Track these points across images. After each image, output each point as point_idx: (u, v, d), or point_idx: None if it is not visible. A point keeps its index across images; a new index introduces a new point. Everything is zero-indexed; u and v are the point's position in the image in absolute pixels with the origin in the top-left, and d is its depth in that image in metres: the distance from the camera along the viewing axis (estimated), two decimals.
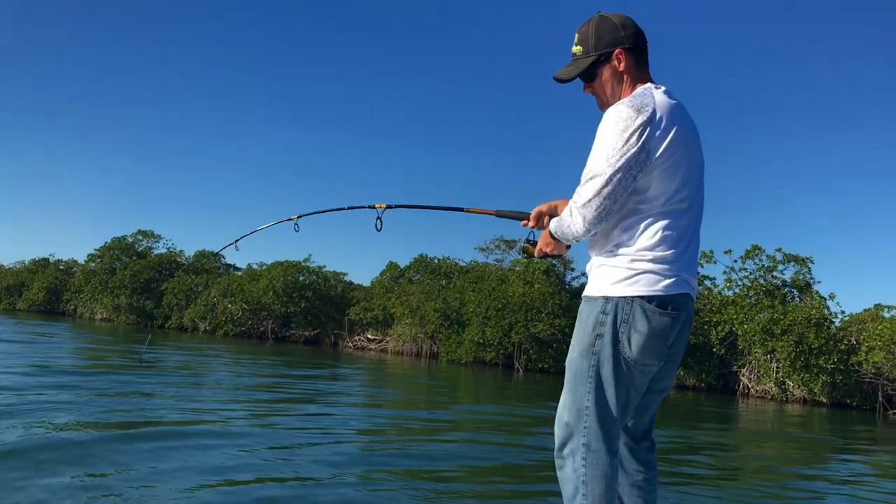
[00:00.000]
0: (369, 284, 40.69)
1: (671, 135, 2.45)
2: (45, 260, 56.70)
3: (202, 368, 16.45)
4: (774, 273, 26.65)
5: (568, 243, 2.70)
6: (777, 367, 24.89)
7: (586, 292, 2.63)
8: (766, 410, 20.29)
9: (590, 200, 2.44)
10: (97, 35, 78.78)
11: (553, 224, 2.67)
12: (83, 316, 47.81)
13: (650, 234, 2.50)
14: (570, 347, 2.64)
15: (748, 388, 26.33)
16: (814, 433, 15.46)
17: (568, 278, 33.01)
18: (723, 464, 9.08)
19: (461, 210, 3.26)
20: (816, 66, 62.88)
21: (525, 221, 2.97)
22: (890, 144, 57.56)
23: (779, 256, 26.68)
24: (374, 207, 3.44)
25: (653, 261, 2.49)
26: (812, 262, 26.52)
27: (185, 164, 77.24)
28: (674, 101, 2.54)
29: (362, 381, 17.86)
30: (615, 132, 2.42)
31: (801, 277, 26.62)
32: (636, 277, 2.49)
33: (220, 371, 16.34)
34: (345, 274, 42.41)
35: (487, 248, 36.55)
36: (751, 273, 26.89)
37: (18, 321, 34.29)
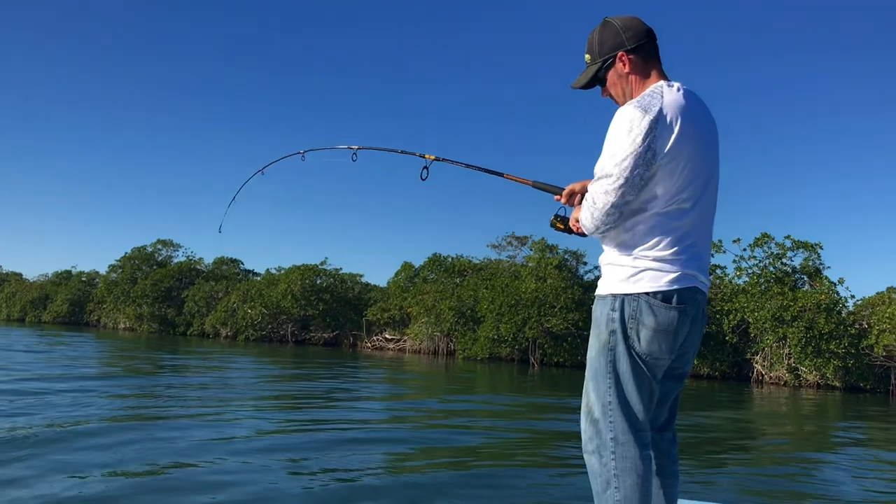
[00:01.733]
0: (385, 285, 41.27)
1: (676, 134, 2.49)
2: (68, 272, 57.83)
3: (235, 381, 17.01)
4: (784, 260, 26.87)
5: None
6: (789, 353, 25.15)
7: (598, 291, 2.72)
8: (780, 396, 20.59)
9: (600, 200, 2.53)
10: (109, 45, 79.76)
11: (579, 209, 2.75)
12: (106, 326, 48.78)
13: (652, 233, 2.56)
14: (589, 345, 2.71)
15: (762, 375, 26.60)
16: (826, 415, 15.78)
17: (581, 272, 33.40)
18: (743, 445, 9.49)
19: (501, 175, 3.31)
20: (820, 51, 62.65)
21: (558, 196, 3.01)
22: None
23: (787, 243, 26.90)
24: (423, 157, 3.51)
25: (655, 259, 2.56)
26: (821, 247, 26.71)
27: (202, 169, 78.14)
28: (686, 100, 2.57)
29: (382, 382, 18.38)
30: (623, 133, 2.48)
31: (810, 263, 26.81)
32: (640, 274, 2.56)
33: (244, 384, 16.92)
34: (361, 275, 43.08)
35: (500, 244, 37.02)
36: (760, 261, 27.13)
37: (45, 332, 35.17)
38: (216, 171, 78.07)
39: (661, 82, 2.63)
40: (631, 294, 2.56)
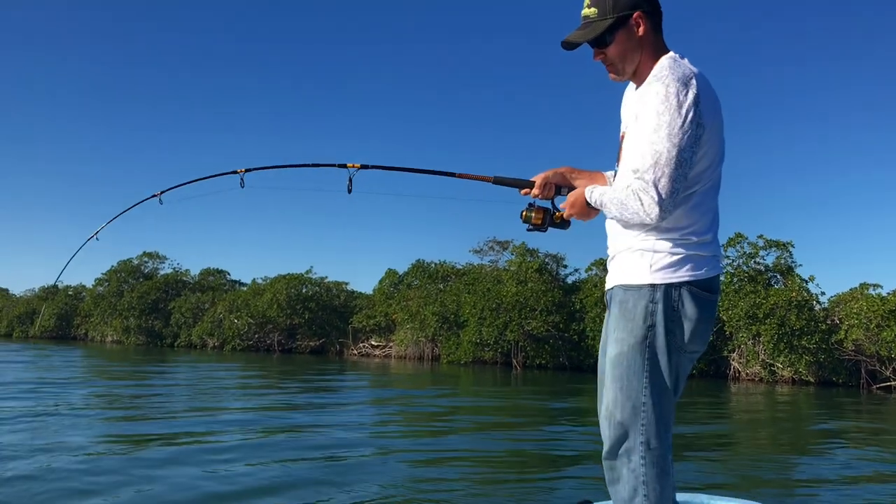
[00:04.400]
0: (371, 292, 41.71)
1: (711, 107, 2.36)
2: (55, 287, 57.84)
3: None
4: (756, 259, 27.56)
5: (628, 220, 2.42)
6: (763, 350, 25.79)
7: (625, 280, 2.46)
8: (756, 392, 21.15)
9: (664, 185, 2.27)
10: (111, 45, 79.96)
11: (598, 195, 2.48)
12: (94, 339, 48.94)
13: (692, 214, 2.39)
14: (615, 341, 2.45)
15: (738, 372, 27.23)
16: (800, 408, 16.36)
17: (561, 274, 33.97)
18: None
19: (452, 175, 2.88)
20: (793, 55, 63.69)
21: (527, 190, 2.76)
22: (868, 128, 58.49)
23: (760, 243, 27.61)
24: (345, 166, 2.97)
25: (697, 244, 2.39)
26: (793, 246, 27.45)
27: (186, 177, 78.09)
28: (700, 71, 2.41)
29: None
30: (671, 108, 2.27)
31: (782, 262, 27.52)
32: (682, 262, 2.38)
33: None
34: (346, 283, 43.50)
35: (481, 249, 37.56)
36: (733, 260, 27.82)
37: (34, 347, 35.35)
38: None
39: (672, 53, 2.46)
40: (673, 283, 2.37)
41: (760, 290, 25.85)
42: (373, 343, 38.31)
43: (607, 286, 2.58)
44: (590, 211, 2.57)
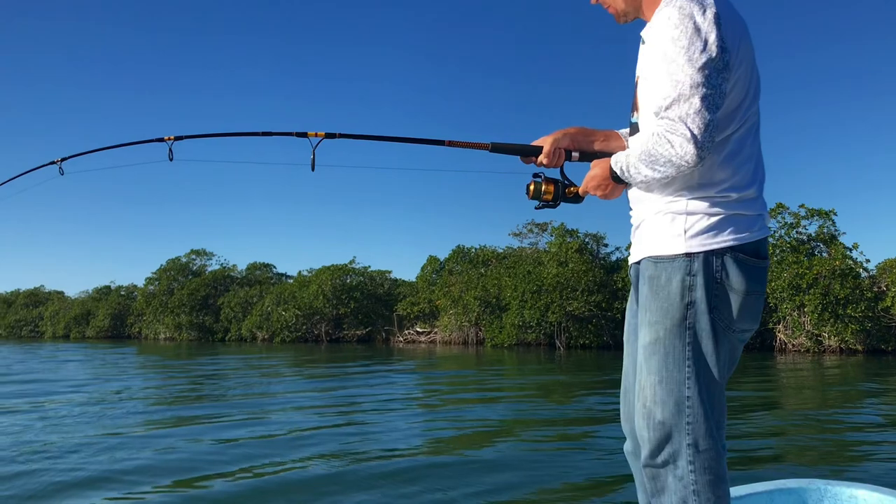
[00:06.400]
0: (414, 280, 42.30)
1: (736, 28, 1.97)
2: (108, 287, 59.63)
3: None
4: (798, 229, 27.38)
5: (654, 179, 2.01)
6: (808, 321, 25.68)
7: (655, 251, 2.08)
8: (803, 363, 21.12)
9: (696, 122, 1.87)
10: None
11: (622, 162, 2.07)
12: (147, 337, 50.43)
13: (729, 164, 2.01)
14: (648, 326, 2.08)
15: (784, 344, 27.14)
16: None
17: (601, 253, 34.08)
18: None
19: (440, 143, 2.47)
20: (839, 17, 62.21)
21: (532, 158, 2.36)
22: None
23: (802, 212, 27.39)
24: (305, 135, 2.51)
25: (738, 201, 2.03)
26: (835, 214, 27.18)
27: (228, 173, 79.72)
28: None
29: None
30: (688, 31, 1.90)
31: (825, 231, 27.28)
32: (722, 224, 2.01)
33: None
34: (389, 272, 44.18)
35: (521, 232, 37.82)
36: (775, 231, 27.64)
37: (100, 349, 36.63)
38: (242, 175, 79.57)
39: None
40: (714, 250, 2.00)
41: (803, 260, 25.69)
42: (418, 329, 38.90)
43: (632, 259, 2.24)
44: (616, 187, 2.17)
